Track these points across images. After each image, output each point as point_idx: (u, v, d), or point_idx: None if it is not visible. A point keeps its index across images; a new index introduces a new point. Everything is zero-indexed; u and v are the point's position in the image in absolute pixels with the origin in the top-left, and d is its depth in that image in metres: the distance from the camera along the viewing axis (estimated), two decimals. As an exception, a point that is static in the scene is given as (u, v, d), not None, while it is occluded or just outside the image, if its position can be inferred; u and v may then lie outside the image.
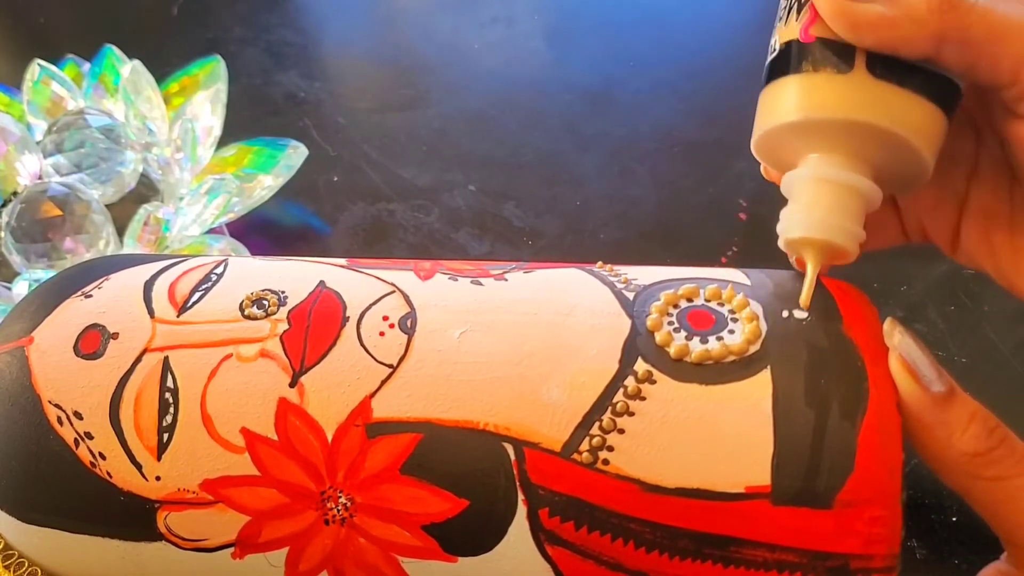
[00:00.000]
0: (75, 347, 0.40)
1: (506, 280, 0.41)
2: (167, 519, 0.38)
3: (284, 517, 0.37)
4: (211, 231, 0.66)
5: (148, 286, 0.41)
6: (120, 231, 0.65)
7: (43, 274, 0.61)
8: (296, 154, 0.69)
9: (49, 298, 0.42)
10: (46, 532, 0.40)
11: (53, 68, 0.75)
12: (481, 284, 0.40)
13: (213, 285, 0.41)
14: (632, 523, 0.35)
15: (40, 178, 0.69)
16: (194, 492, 0.38)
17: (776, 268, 0.41)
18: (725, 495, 0.34)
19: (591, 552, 0.35)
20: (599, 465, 0.35)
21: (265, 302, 0.40)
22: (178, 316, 0.40)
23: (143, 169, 0.71)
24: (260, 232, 0.71)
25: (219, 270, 0.42)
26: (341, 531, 0.37)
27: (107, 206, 0.67)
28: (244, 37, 0.91)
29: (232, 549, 0.38)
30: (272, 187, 0.68)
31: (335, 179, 0.74)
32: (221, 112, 0.72)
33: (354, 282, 0.41)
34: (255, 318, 0.39)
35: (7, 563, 0.50)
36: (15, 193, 0.68)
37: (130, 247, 0.63)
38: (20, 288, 0.60)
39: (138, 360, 0.39)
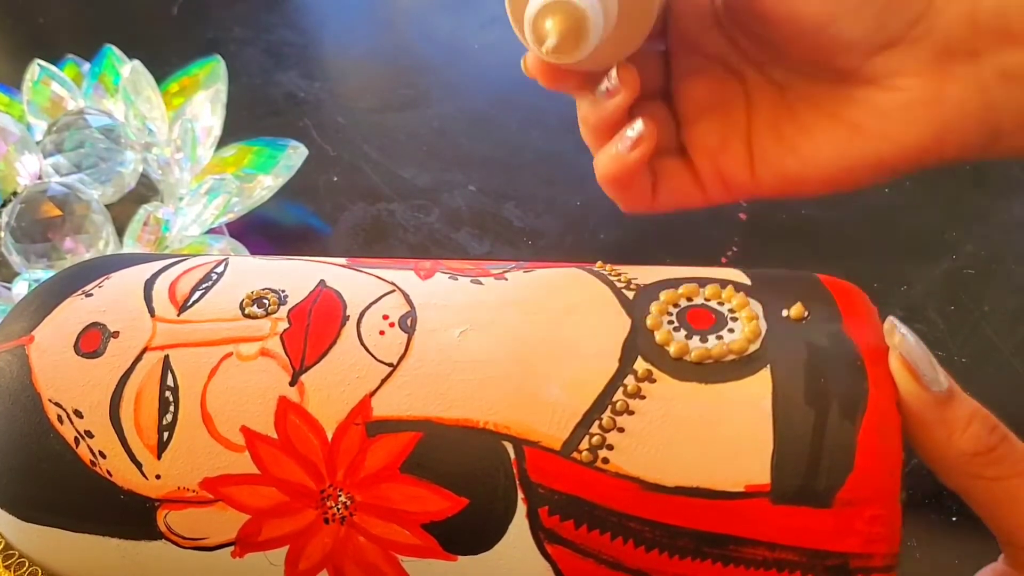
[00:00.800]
0: (75, 346, 0.40)
1: (506, 279, 0.41)
2: (167, 518, 0.38)
3: (284, 516, 0.37)
4: (211, 231, 0.66)
5: (148, 285, 0.41)
6: (120, 231, 0.65)
7: (43, 274, 0.61)
8: (296, 154, 0.69)
9: (49, 297, 0.42)
10: (46, 531, 0.40)
11: (53, 68, 0.75)
12: (481, 283, 0.40)
13: (213, 284, 0.41)
14: (631, 522, 0.35)
15: (40, 178, 0.69)
16: (194, 491, 0.38)
17: (776, 268, 0.41)
18: (725, 494, 0.34)
19: (590, 551, 0.35)
20: (599, 464, 0.35)
21: (265, 301, 0.40)
22: (178, 315, 0.40)
23: (143, 169, 0.71)
24: (260, 232, 0.71)
25: (219, 269, 0.42)
26: (341, 530, 0.37)
27: (107, 206, 0.67)
28: (244, 37, 0.91)
29: (232, 548, 0.38)
30: (272, 187, 0.68)
31: (335, 179, 0.74)
32: (221, 112, 0.72)
33: (354, 281, 0.41)
34: (255, 317, 0.39)
35: (7, 563, 0.50)
36: (15, 193, 0.68)
37: (130, 247, 0.63)
38: (20, 288, 0.61)
39: (138, 359, 0.39)
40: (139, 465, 0.38)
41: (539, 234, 0.69)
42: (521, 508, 0.36)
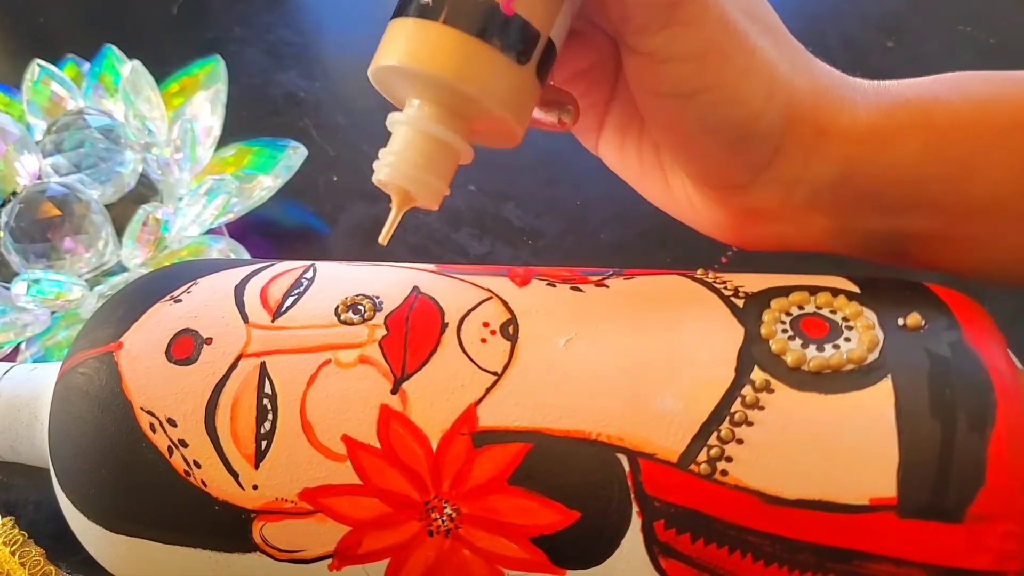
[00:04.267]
0: (167, 352, 0.39)
1: (607, 287, 0.40)
2: (263, 529, 0.37)
3: (386, 527, 0.37)
4: (210, 231, 0.65)
5: (239, 290, 0.40)
6: (119, 231, 0.64)
7: (42, 274, 0.60)
8: (296, 154, 0.68)
9: (135, 303, 0.41)
10: (135, 542, 0.39)
11: (53, 68, 0.74)
12: (581, 290, 0.40)
13: (305, 290, 0.40)
14: (751, 535, 0.34)
15: (39, 178, 0.68)
16: (292, 501, 0.37)
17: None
18: (848, 507, 0.33)
19: (707, 565, 0.35)
20: (717, 476, 0.34)
21: (361, 307, 0.39)
22: (273, 321, 0.39)
23: (143, 169, 0.70)
24: (260, 232, 0.70)
25: (308, 275, 0.41)
26: (445, 543, 0.36)
27: (106, 206, 0.66)
28: (244, 37, 0.90)
29: (330, 560, 0.38)
30: (272, 187, 0.67)
31: (335, 179, 0.74)
32: (221, 112, 0.71)
33: (449, 288, 0.40)
34: (351, 323, 0.39)
35: (22, 561, 0.49)
36: (14, 193, 0.68)
37: (129, 247, 0.62)
38: (19, 288, 0.59)
39: (234, 366, 0.38)
40: (235, 475, 0.37)
41: (539, 234, 0.68)
42: (635, 522, 0.35)
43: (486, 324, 0.38)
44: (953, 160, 0.37)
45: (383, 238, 0.38)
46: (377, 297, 0.39)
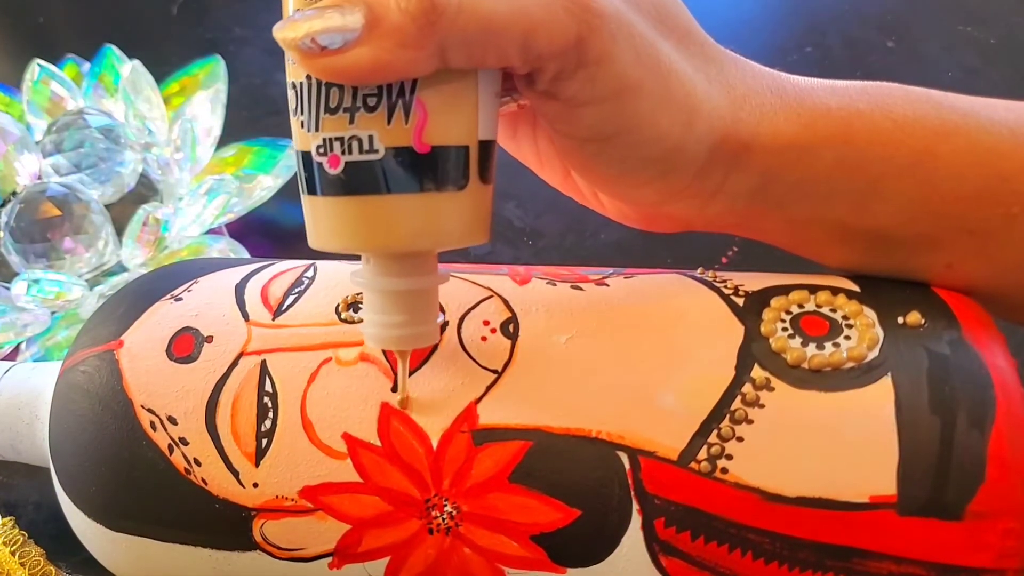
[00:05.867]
0: (168, 350, 0.39)
1: (607, 285, 0.40)
2: (263, 527, 0.37)
3: (386, 526, 0.37)
4: (211, 231, 0.65)
5: (239, 289, 0.41)
6: (119, 231, 0.64)
7: (42, 274, 0.60)
8: None
9: (136, 301, 0.41)
10: (135, 540, 0.39)
11: (53, 68, 0.74)
12: (581, 289, 0.40)
13: (306, 288, 0.40)
14: (751, 533, 0.34)
15: (39, 178, 0.69)
16: (293, 499, 0.37)
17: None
18: (848, 504, 0.33)
19: (707, 563, 0.35)
20: (717, 474, 0.34)
21: (361, 305, 0.39)
22: (273, 319, 0.39)
23: (143, 169, 0.71)
24: (260, 232, 0.70)
25: (309, 274, 0.41)
26: (445, 541, 0.36)
27: (106, 206, 0.66)
28: (244, 37, 0.90)
29: (330, 559, 0.38)
30: (272, 187, 0.68)
31: None
32: (221, 112, 0.71)
33: (449, 286, 0.40)
34: (352, 321, 0.39)
35: (22, 561, 0.49)
36: (14, 193, 0.68)
37: (129, 247, 0.63)
38: (19, 288, 0.59)
39: (234, 364, 0.38)
40: (236, 473, 0.37)
41: (539, 234, 0.68)
42: (636, 519, 0.35)
43: (486, 322, 0.38)
44: (863, 177, 0.37)
45: (400, 395, 0.36)
46: (378, 295, 0.39)
